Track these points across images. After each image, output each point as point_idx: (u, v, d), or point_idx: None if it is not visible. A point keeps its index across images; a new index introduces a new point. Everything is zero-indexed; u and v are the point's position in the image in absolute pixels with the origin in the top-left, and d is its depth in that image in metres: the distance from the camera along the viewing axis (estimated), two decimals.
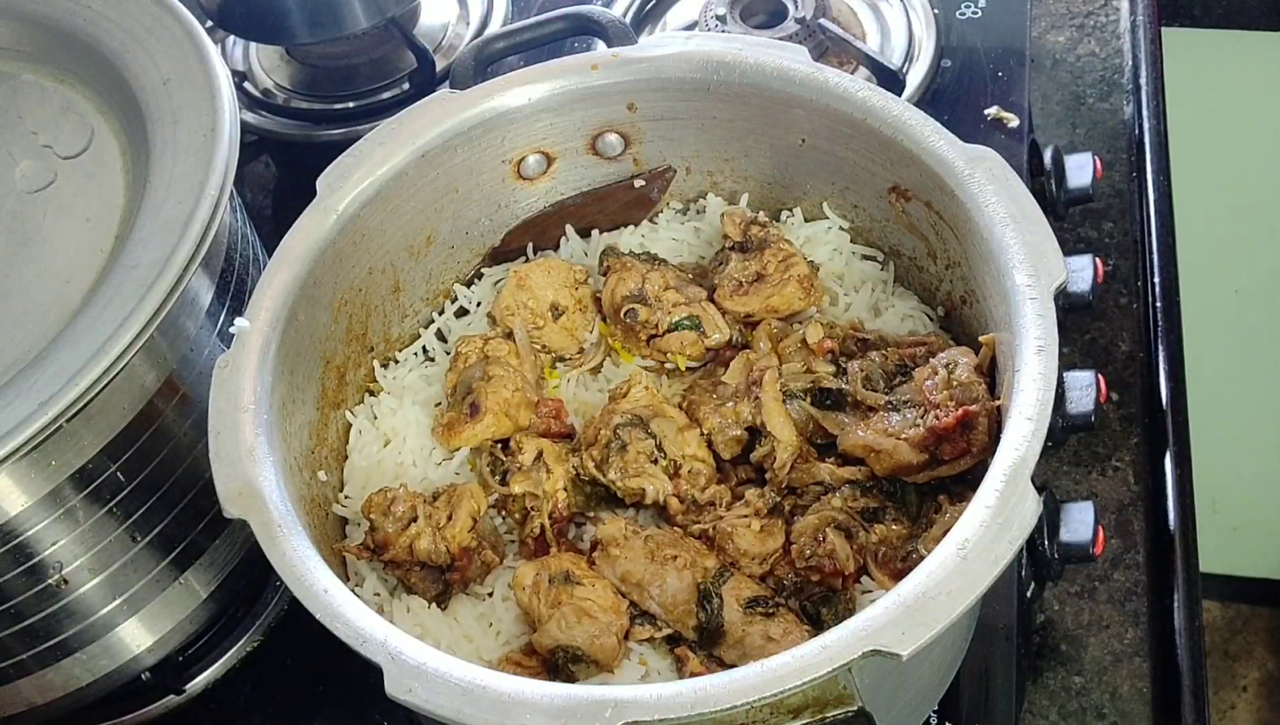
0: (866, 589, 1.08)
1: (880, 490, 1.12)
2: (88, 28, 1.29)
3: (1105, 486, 1.37)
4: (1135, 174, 1.60)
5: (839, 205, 1.28)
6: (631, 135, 1.30)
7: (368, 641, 0.93)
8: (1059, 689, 1.26)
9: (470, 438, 1.18)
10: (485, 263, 1.35)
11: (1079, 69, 1.72)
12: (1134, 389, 1.43)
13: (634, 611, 1.08)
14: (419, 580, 1.12)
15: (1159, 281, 1.50)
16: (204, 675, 1.35)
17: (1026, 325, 1.00)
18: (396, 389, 1.26)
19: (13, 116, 1.31)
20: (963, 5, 1.74)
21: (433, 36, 1.85)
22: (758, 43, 1.26)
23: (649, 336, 1.24)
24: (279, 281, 1.14)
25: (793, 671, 0.87)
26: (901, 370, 1.16)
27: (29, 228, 1.22)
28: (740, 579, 1.08)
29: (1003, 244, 1.05)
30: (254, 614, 1.38)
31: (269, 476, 1.03)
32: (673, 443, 1.15)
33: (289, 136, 1.79)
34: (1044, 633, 1.29)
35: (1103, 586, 1.31)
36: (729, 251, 1.26)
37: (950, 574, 0.89)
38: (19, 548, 1.13)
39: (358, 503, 1.18)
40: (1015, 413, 0.96)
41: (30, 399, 1.04)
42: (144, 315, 1.07)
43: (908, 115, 1.16)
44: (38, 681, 1.23)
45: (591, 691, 0.89)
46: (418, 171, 1.24)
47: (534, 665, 1.07)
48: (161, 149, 1.19)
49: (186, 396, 1.19)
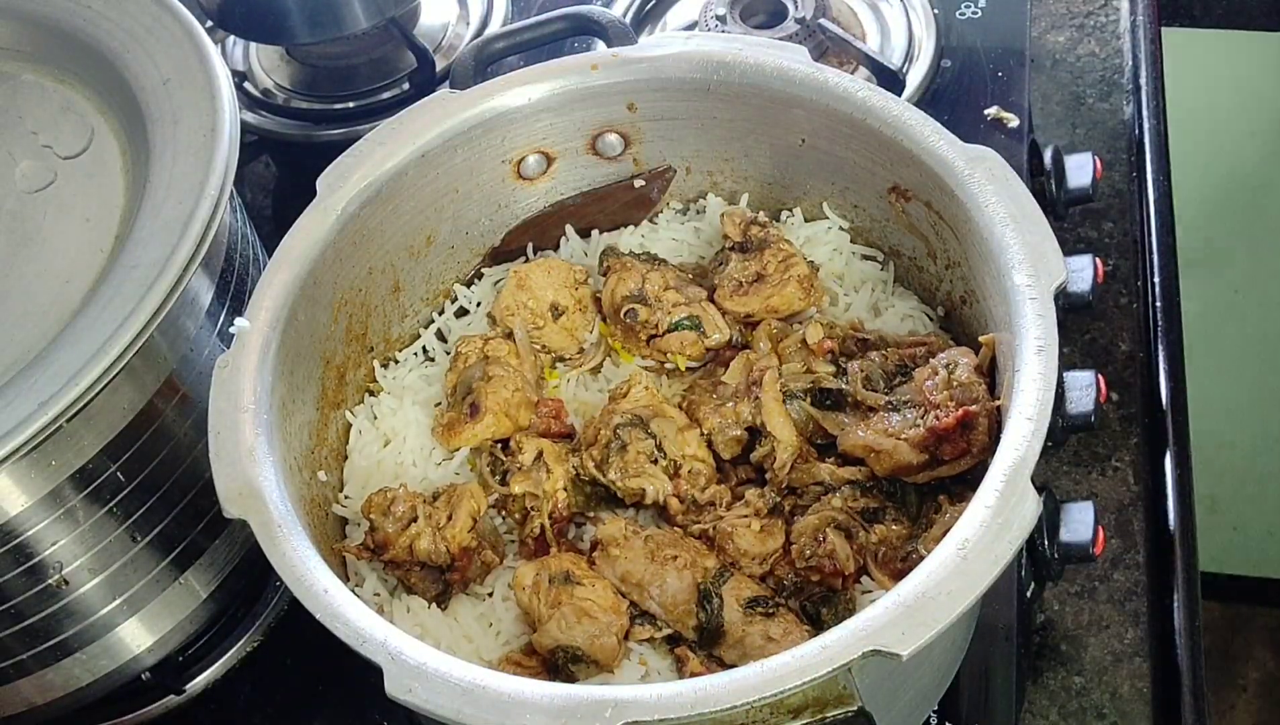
0: (866, 589, 1.08)
1: (880, 490, 1.12)
2: (88, 28, 1.29)
3: (1105, 486, 1.37)
4: (1135, 174, 1.60)
5: (839, 205, 1.28)
6: (631, 135, 1.30)
7: (368, 641, 0.93)
8: (1059, 689, 1.26)
9: (470, 438, 1.18)
10: (485, 263, 1.35)
11: (1079, 69, 1.72)
12: (1134, 389, 1.43)
13: (634, 611, 1.08)
14: (419, 580, 1.12)
15: (1159, 281, 1.50)
16: (204, 675, 1.35)
17: (1026, 325, 1.00)
18: (396, 389, 1.26)
19: (13, 116, 1.31)
20: (963, 5, 1.74)
21: (433, 36, 1.85)
22: (758, 43, 1.26)
23: (649, 336, 1.24)
24: (279, 281, 1.14)
25: (793, 671, 0.87)
26: (901, 370, 1.16)
27: (29, 228, 1.22)
28: (740, 579, 1.08)
29: (1003, 244, 1.05)
30: (254, 614, 1.38)
31: (269, 476, 1.03)
32: (673, 443, 1.15)
33: (289, 136, 1.79)
34: (1044, 633, 1.29)
35: (1103, 586, 1.31)
36: (729, 251, 1.26)
37: (950, 574, 0.89)
38: (19, 548, 1.13)
39: (358, 503, 1.18)
40: (1015, 413, 0.96)
41: (30, 399, 1.04)
42: (144, 315, 1.07)
43: (908, 115, 1.16)
44: (38, 681, 1.23)
45: (591, 691, 0.89)
46: (418, 171, 1.24)
47: (534, 665, 1.07)
48: (161, 149, 1.19)
49: (186, 396, 1.19)
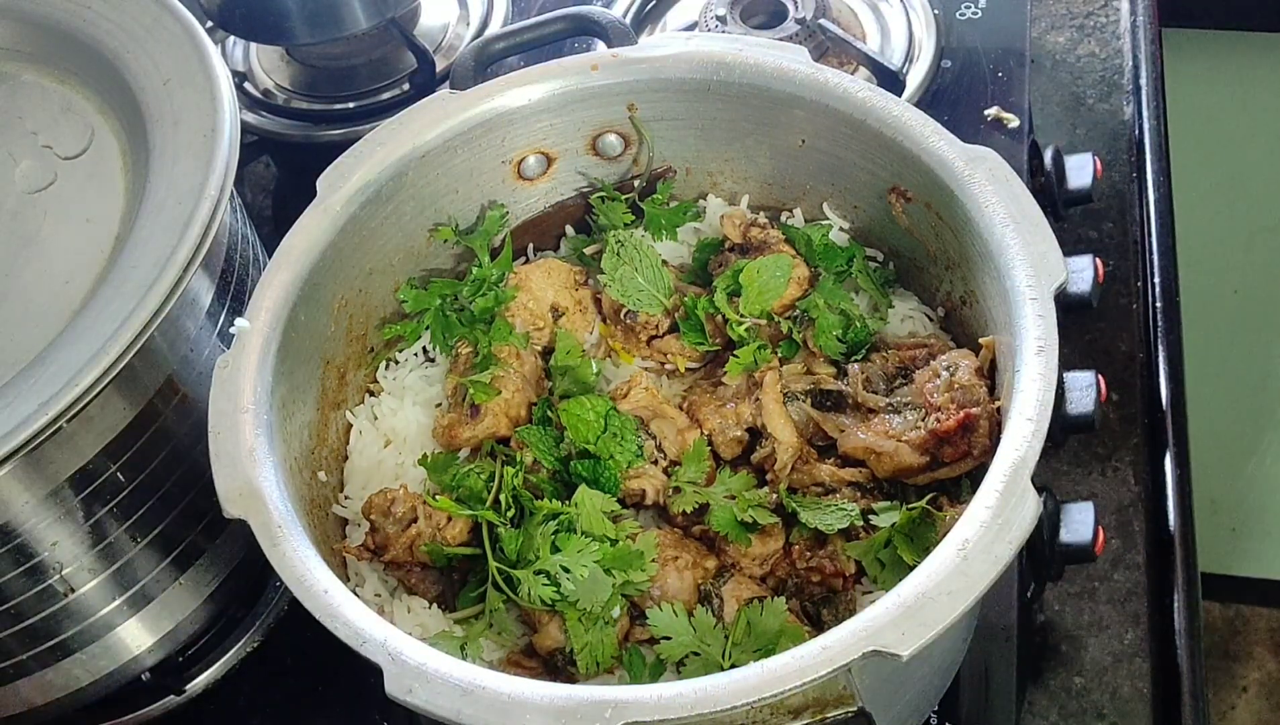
0: (866, 590, 1.08)
1: (881, 492, 1.12)
2: (88, 28, 1.29)
3: (1105, 487, 1.37)
4: (1135, 174, 1.60)
5: (839, 206, 1.28)
6: (631, 135, 1.30)
7: (368, 642, 0.93)
8: (1059, 689, 1.26)
9: (470, 438, 1.18)
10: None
11: (1079, 69, 1.72)
12: (1134, 389, 1.43)
13: (634, 612, 1.08)
14: (419, 581, 1.12)
15: (1159, 281, 1.50)
16: (204, 675, 1.35)
17: (1027, 326, 1.00)
18: (397, 389, 1.26)
19: (13, 117, 1.31)
20: (963, 6, 1.74)
21: (433, 37, 1.85)
22: (758, 43, 1.26)
23: (649, 337, 1.24)
24: (279, 281, 1.14)
25: (793, 672, 0.87)
26: (902, 373, 1.16)
27: (29, 228, 1.22)
28: (740, 579, 1.08)
29: (1003, 244, 1.06)
30: (254, 614, 1.38)
31: (269, 477, 1.03)
32: (673, 443, 1.15)
33: (289, 137, 1.79)
34: (1044, 633, 1.29)
35: (1103, 587, 1.31)
36: (729, 252, 1.26)
37: (950, 574, 0.89)
38: (19, 548, 1.13)
39: (358, 503, 1.18)
40: (1015, 413, 0.96)
41: (30, 399, 1.04)
42: (144, 315, 1.07)
43: (908, 116, 1.16)
44: (38, 682, 1.23)
45: (591, 692, 0.89)
46: (418, 172, 1.24)
47: (534, 666, 1.07)
48: (161, 149, 1.19)
49: (186, 397, 1.19)
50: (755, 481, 1.14)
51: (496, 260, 1.28)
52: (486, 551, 1.10)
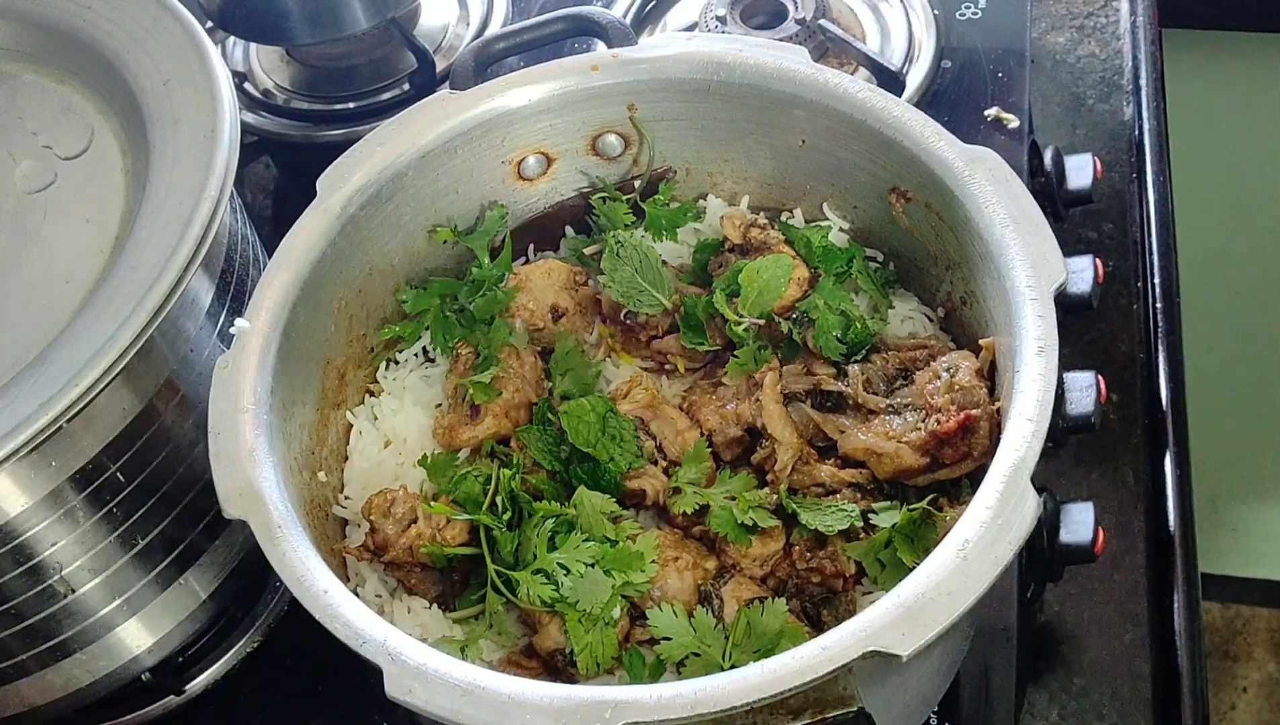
0: (866, 590, 1.08)
1: (881, 492, 1.12)
2: (88, 28, 1.29)
3: (1105, 487, 1.37)
4: (1135, 175, 1.60)
5: (839, 206, 1.28)
6: (631, 136, 1.30)
7: (367, 642, 0.93)
8: (1059, 689, 1.26)
9: (470, 439, 1.18)
10: None
11: (1079, 70, 1.72)
12: (1134, 390, 1.43)
13: (634, 612, 1.08)
14: (419, 582, 1.12)
15: (1159, 282, 1.50)
16: (204, 676, 1.35)
17: (1027, 326, 1.00)
18: (397, 390, 1.26)
19: (13, 117, 1.31)
20: (963, 6, 1.74)
21: (433, 37, 1.85)
22: (758, 44, 1.26)
23: (649, 338, 1.24)
24: (279, 282, 1.14)
25: (793, 672, 0.87)
26: (902, 374, 1.16)
27: (29, 228, 1.22)
28: (741, 580, 1.08)
29: (1002, 245, 1.06)
30: (254, 614, 1.38)
31: (269, 477, 1.03)
32: (673, 444, 1.15)
33: (289, 137, 1.79)
34: (1044, 633, 1.29)
35: (1103, 587, 1.31)
36: (729, 253, 1.26)
37: (950, 575, 0.89)
38: (19, 548, 1.13)
39: (358, 504, 1.18)
40: (1015, 414, 0.96)
41: (30, 399, 1.04)
42: (144, 315, 1.07)
43: (908, 116, 1.16)
44: (38, 682, 1.23)
45: (591, 692, 0.89)
46: (418, 172, 1.24)
47: (534, 666, 1.07)
48: (161, 149, 1.19)
49: (186, 397, 1.19)
50: (755, 482, 1.14)
51: (496, 261, 1.28)
52: (485, 554, 1.10)
